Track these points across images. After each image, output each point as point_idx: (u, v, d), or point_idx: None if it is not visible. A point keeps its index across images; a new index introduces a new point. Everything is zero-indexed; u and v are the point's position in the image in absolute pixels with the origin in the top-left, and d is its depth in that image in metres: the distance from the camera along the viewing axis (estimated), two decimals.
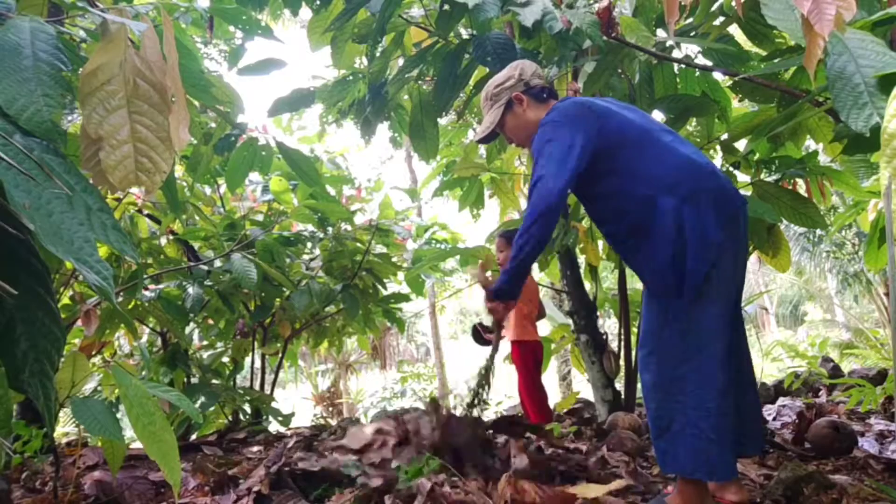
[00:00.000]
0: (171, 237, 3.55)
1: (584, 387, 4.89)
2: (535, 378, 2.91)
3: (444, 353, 11.66)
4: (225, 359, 3.83)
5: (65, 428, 4.62)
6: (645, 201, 1.64)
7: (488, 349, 2.97)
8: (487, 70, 2.40)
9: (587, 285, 3.45)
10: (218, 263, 3.17)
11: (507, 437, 2.14)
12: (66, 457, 2.38)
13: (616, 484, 1.74)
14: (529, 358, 2.90)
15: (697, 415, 1.55)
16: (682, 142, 1.74)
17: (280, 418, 3.51)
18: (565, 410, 3.74)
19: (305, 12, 2.87)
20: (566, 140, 1.66)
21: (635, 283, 5.13)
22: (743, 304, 3.89)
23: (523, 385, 2.94)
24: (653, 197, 1.62)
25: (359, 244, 3.68)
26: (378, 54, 2.80)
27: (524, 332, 2.91)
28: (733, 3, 2.06)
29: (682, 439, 1.58)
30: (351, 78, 2.96)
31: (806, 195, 2.86)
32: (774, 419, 3.15)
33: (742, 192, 2.65)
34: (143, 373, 3.37)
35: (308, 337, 4.39)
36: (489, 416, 4.20)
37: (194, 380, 3.51)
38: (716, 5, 2.31)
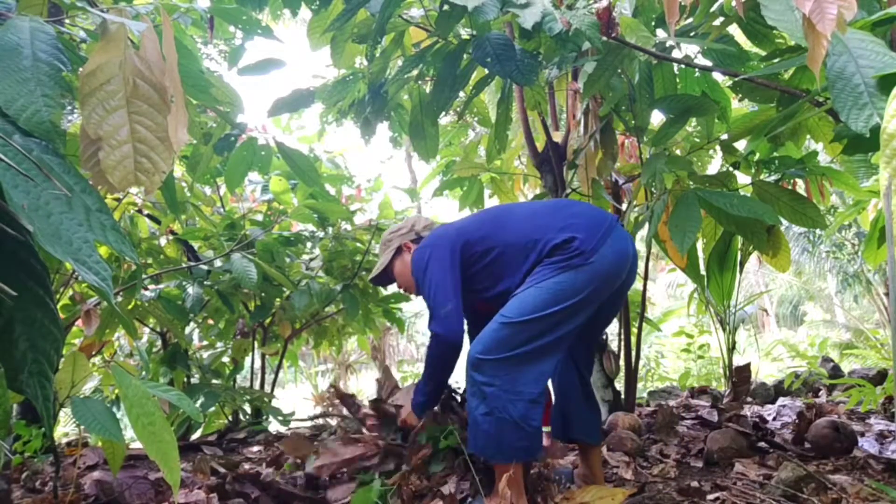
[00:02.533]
0: (171, 237, 3.54)
1: None
2: None
3: None
4: (225, 359, 3.83)
5: (65, 428, 4.62)
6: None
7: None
8: (487, 70, 2.40)
9: None
10: (218, 263, 3.17)
11: None
12: (66, 457, 2.38)
13: (626, 491, 1.74)
14: None
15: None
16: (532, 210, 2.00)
17: (280, 418, 3.51)
18: None
19: (305, 12, 2.87)
20: (436, 278, 1.88)
21: (635, 283, 5.12)
22: (743, 305, 3.87)
23: None
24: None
25: (359, 244, 3.68)
26: (378, 54, 2.79)
27: None
28: (733, 4, 2.06)
29: None
30: (351, 78, 2.96)
31: (805, 195, 2.85)
32: (774, 419, 3.14)
33: (742, 192, 2.66)
34: (143, 373, 3.37)
35: (308, 337, 4.39)
36: None
37: (194, 380, 3.51)
38: (716, 5, 2.30)
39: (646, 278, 3.18)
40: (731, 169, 2.83)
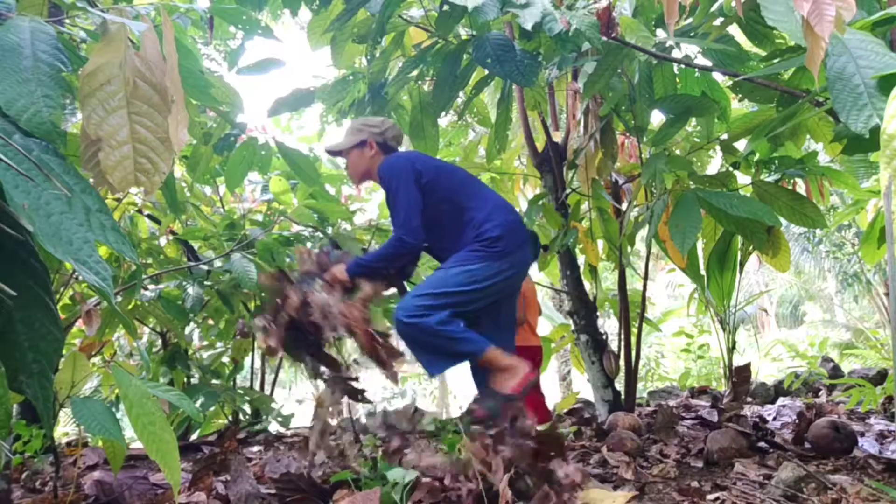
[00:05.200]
0: (171, 237, 3.55)
1: (584, 387, 4.89)
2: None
3: None
4: (225, 359, 3.83)
5: (65, 428, 4.62)
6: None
7: None
8: (487, 71, 2.40)
9: (587, 285, 3.45)
10: (218, 263, 3.17)
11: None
12: (66, 457, 2.38)
13: (627, 494, 1.74)
14: (527, 361, 2.93)
15: None
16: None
17: (280, 418, 3.51)
18: (565, 410, 3.74)
19: (305, 14, 2.87)
20: (408, 199, 2.14)
21: (635, 283, 5.13)
22: (743, 305, 3.87)
23: None
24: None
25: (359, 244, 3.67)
26: (378, 54, 2.80)
27: (517, 337, 2.95)
28: (733, 4, 2.06)
29: None
30: (351, 78, 2.96)
31: (805, 195, 2.86)
32: (774, 419, 3.15)
33: (742, 192, 2.66)
34: (143, 373, 3.37)
35: None
36: None
37: (194, 380, 3.51)
38: (716, 6, 2.31)
39: (646, 278, 3.18)
40: (731, 169, 2.83)
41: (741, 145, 2.80)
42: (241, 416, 3.67)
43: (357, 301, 2.10)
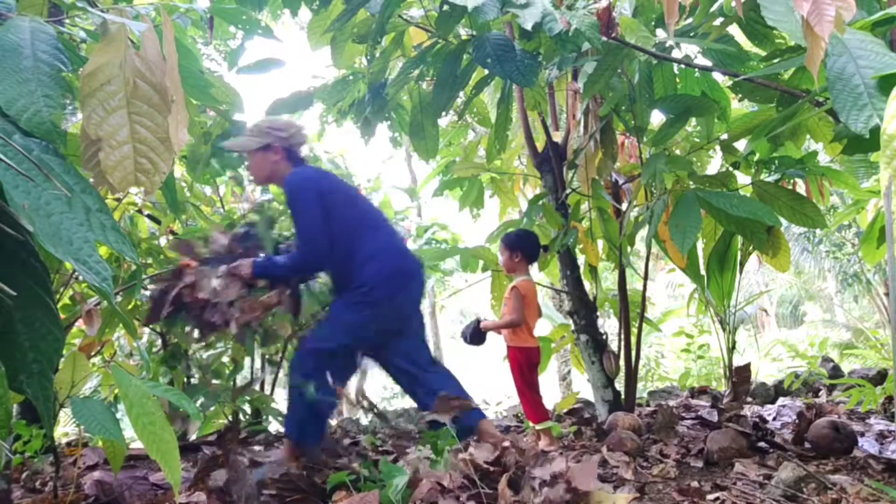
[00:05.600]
0: (171, 237, 3.54)
1: (584, 387, 4.89)
2: (528, 380, 2.94)
3: (445, 353, 11.65)
4: (225, 359, 3.82)
5: (65, 428, 4.62)
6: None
7: (485, 343, 3.05)
8: (487, 71, 2.40)
9: (587, 285, 3.45)
10: None
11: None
12: (66, 457, 2.38)
13: (628, 496, 1.74)
14: (524, 362, 2.94)
15: None
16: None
17: (280, 418, 3.50)
18: (565, 410, 3.74)
19: (305, 14, 2.87)
20: (313, 216, 2.20)
21: (635, 283, 5.13)
22: (743, 305, 3.88)
23: (516, 386, 2.99)
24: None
25: None
26: (378, 54, 2.80)
27: (514, 338, 2.96)
28: (733, 4, 2.06)
29: None
30: (351, 78, 2.96)
31: (805, 195, 2.86)
32: (774, 419, 3.15)
33: (742, 192, 2.66)
34: (143, 373, 3.37)
35: None
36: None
37: (194, 380, 3.50)
38: (716, 6, 2.31)
39: (646, 278, 3.18)
40: (731, 169, 2.83)
41: (741, 145, 2.80)
42: (241, 416, 3.67)
43: (258, 302, 2.20)
